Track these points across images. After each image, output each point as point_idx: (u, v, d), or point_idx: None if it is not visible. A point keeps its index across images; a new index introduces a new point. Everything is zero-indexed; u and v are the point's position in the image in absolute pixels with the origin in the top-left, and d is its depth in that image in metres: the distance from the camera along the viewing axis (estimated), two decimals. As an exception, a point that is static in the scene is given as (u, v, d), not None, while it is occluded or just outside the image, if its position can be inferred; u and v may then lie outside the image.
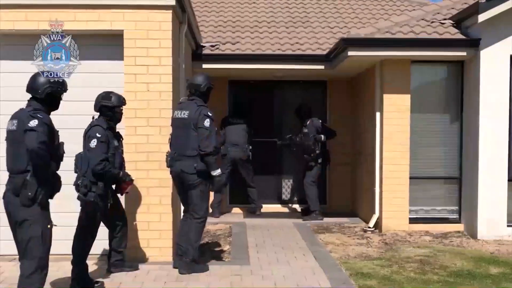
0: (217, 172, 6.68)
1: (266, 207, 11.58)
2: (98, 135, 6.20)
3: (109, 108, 6.46)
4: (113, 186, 6.61)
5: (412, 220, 9.56)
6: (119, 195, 6.79)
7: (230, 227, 9.89)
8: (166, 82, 7.28)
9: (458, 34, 9.26)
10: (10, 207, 5.10)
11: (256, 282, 6.41)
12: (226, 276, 6.66)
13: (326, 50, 10.71)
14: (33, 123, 5.00)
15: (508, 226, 8.98)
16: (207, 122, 6.60)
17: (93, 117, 6.50)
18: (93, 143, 6.16)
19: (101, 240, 7.24)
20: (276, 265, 7.20)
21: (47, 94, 5.33)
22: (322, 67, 10.74)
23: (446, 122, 9.76)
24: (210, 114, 6.70)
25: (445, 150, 9.78)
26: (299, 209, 11.83)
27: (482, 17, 8.69)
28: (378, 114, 9.69)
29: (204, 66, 10.50)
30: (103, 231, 6.79)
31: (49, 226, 5.15)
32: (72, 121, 7.04)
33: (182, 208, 7.15)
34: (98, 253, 7.33)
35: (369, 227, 9.69)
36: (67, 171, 6.94)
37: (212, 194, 8.98)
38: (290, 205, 12.10)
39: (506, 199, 8.99)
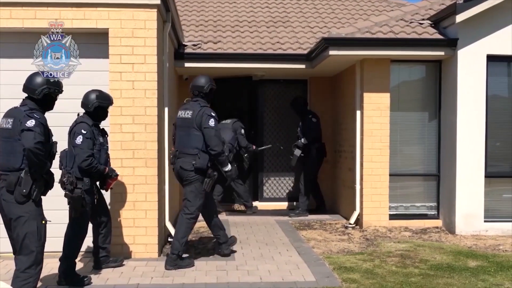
0: (228, 167, 7.07)
1: (248, 205, 11.67)
2: (83, 131, 6.31)
3: (103, 108, 6.60)
4: (97, 183, 6.67)
5: (392, 216, 9.73)
6: (103, 191, 6.83)
7: (213, 224, 9.96)
8: (151, 80, 7.36)
9: (436, 34, 9.45)
10: (4, 204, 5.20)
11: (242, 277, 6.51)
12: (212, 271, 6.76)
13: (306, 50, 10.85)
14: (31, 123, 5.15)
15: (485, 221, 9.19)
16: (211, 122, 6.83)
17: (78, 114, 6.59)
18: (79, 139, 6.27)
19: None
20: (260, 260, 7.32)
21: (44, 95, 5.47)
22: (303, 66, 10.88)
23: (425, 120, 9.96)
24: (214, 114, 6.92)
25: (424, 147, 9.98)
26: (280, 207, 11.95)
27: (459, 18, 8.88)
28: (358, 113, 9.83)
29: (187, 65, 10.57)
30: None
31: (43, 222, 5.24)
32: (56, 118, 7.14)
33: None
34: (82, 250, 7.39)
35: (350, 224, 9.85)
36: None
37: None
38: (271, 203, 12.19)
39: (483, 195, 9.20)
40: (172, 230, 8.17)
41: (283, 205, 12.08)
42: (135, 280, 6.36)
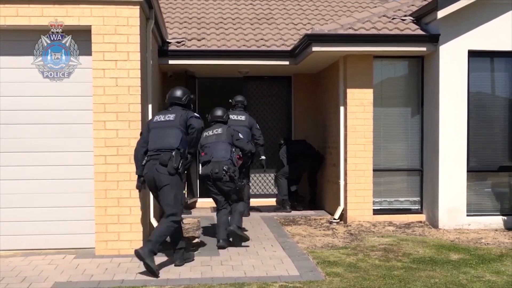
0: (263, 156, 10.17)
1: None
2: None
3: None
4: None
5: (376, 211, 9.81)
6: None
7: (198, 221, 10.00)
8: (134, 77, 7.35)
9: (418, 30, 9.53)
10: (156, 175, 6.61)
11: (227, 272, 6.54)
12: (197, 266, 6.78)
13: (290, 46, 10.90)
14: (195, 114, 6.93)
15: (467, 215, 9.30)
16: (258, 126, 10.07)
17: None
18: (240, 135, 8.38)
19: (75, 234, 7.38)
20: (245, 256, 7.36)
21: (188, 101, 7.04)
22: (287, 62, 10.94)
23: (408, 116, 10.04)
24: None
25: (407, 143, 10.06)
26: (265, 203, 11.98)
27: (441, 14, 8.97)
28: (342, 109, 9.89)
29: (170, 62, 10.59)
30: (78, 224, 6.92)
31: (183, 191, 7.09)
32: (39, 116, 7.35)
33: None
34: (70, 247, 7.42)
35: (335, 219, 9.91)
36: (34, 166, 7.11)
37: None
38: (256, 199, 12.19)
39: (465, 189, 9.31)
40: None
41: (268, 201, 12.08)
42: (120, 276, 6.37)
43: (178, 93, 7.06)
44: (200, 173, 8.38)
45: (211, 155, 7.95)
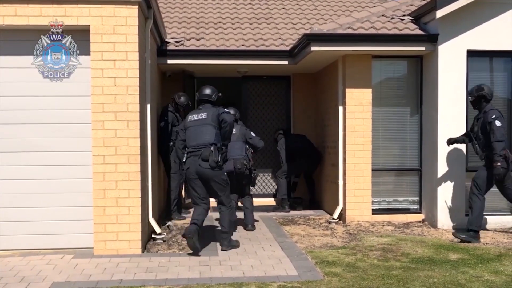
0: None
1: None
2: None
3: None
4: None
5: (375, 211, 9.80)
6: None
7: (197, 220, 9.97)
8: (132, 77, 7.35)
9: (417, 30, 9.53)
10: (200, 169, 7.38)
11: (225, 272, 6.54)
12: (195, 266, 6.78)
13: (289, 46, 10.89)
14: (225, 109, 7.68)
15: (466, 215, 9.23)
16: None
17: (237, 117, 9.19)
18: (252, 133, 9.20)
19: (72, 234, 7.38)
20: (244, 256, 7.35)
21: (217, 98, 7.76)
22: (285, 62, 10.93)
23: (407, 116, 10.03)
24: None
25: (405, 142, 10.05)
26: (264, 203, 11.97)
27: (439, 13, 8.96)
28: (341, 108, 9.89)
29: (169, 61, 10.57)
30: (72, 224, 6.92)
31: (225, 173, 7.73)
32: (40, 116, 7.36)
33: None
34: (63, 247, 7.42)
35: (334, 219, 9.90)
36: (32, 166, 7.09)
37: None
38: (255, 199, 12.16)
39: (464, 189, 9.28)
40: (155, 227, 8.19)
41: (267, 201, 12.09)
42: (118, 276, 6.36)
43: (208, 91, 7.79)
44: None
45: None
